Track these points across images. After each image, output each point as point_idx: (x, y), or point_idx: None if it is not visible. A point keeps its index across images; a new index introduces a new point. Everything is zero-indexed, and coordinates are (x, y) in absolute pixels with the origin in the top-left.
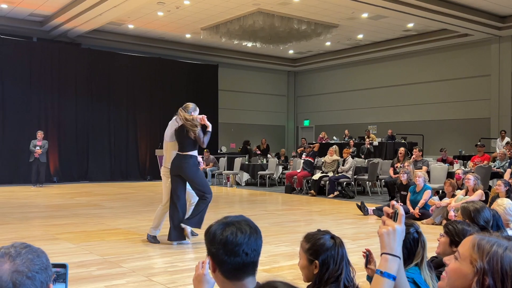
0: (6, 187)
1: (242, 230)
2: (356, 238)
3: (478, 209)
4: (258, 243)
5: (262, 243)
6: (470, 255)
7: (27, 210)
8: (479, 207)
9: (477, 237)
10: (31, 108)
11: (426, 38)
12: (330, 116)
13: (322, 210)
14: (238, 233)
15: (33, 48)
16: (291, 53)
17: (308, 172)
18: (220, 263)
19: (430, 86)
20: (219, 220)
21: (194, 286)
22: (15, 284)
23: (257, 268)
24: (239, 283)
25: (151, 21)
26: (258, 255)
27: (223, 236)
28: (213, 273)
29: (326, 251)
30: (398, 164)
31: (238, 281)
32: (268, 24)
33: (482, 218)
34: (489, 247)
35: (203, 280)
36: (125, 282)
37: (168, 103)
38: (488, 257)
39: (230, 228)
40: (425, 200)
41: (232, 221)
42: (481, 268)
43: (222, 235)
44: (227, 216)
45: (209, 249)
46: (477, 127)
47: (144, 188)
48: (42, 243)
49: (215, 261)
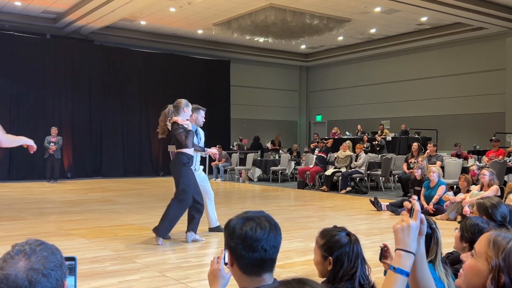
0: (21, 183)
1: (262, 226)
2: (370, 234)
3: (495, 205)
4: (277, 240)
5: (281, 240)
6: (486, 252)
7: (42, 206)
8: (495, 202)
9: (493, 234)
10: (45, 104)
11: (440, 32)
12: (343, 111)
13: (335, 206)
14: (258, 229)
15: (46, 45)
16: (303, 48)
17: (321, 167)
18: (238, 258)
19: (444, 81)
20: (239, 214)
21: (209, 281)
22: (31, 282)
23: (275, 265)
24: (257, 279)
25: (163, 17)
26: (277, 252)
27: (242, 231)
28: (231, 267)
29: (341, 248)
30: (412, 160)
31: (255, 277)
32: (280, 19)
33: (499, 214)
34: (505, 243)
35: (218, 275)
36: (139, 277)
37: (180, 98)
38: (504, 253)
39: (250, 223)
40: (439, 196)
41: (252, 216)
42: (496, 265)
43: (242, 230)
44: (247, 211)
45: (227, 242)
46: (492, 122)
47: (157, 184)
48: (56, 238)
49: (234, 255)
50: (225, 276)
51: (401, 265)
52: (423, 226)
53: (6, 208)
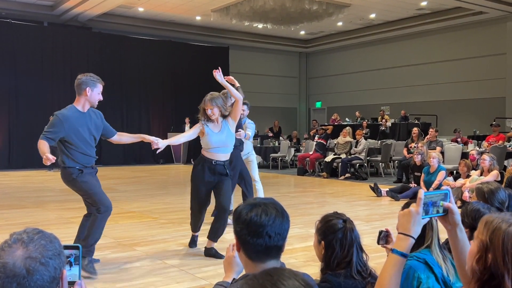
0: (21, 171)
1: (268, 212)
2: (370, 219)
3: (492, 190)
4: (283, 227)
5: (288, 228)
6: (479, 232)
7: (42, 194)
8: (493, 188)
9: (489, 215)
10: (43, 92)
11: (440, 17)
12: (342, 97)
13: (335, 192)
14: (263, 215)
15: (44, 32)
16: (302, 34)
17: (321, 154)
18: (243, 243)
19: (444, 66)
20: (248, 200)
21: (224, 267)
22: (29, 270)
23: (282, 252)
24: (261, 265)
25: (161, 4)
26: (283, 239)
27: (247, 216)
28: (238, 252)
29: (333, 233)
30: (412, 145)
31: (260, 263)
32: (279, 4)
33: (496, 200)
34: (495, 223)
35: (233, 262)
36: (139, 265)
37: (179, 85)
38: (491, 231)
39: (256, 209)
40: (439, 181)
41: (259, 202)
42: (483, 244)
43: (247, 215)
44: (256, 197)
45: (234, 228)
46: (492, 107)
47: (157, 172)
48: (56, 227)
49: (239, 240)
50: (240, 263)
51: (398, 246)
52: (454, 216)
53: (5, 197)
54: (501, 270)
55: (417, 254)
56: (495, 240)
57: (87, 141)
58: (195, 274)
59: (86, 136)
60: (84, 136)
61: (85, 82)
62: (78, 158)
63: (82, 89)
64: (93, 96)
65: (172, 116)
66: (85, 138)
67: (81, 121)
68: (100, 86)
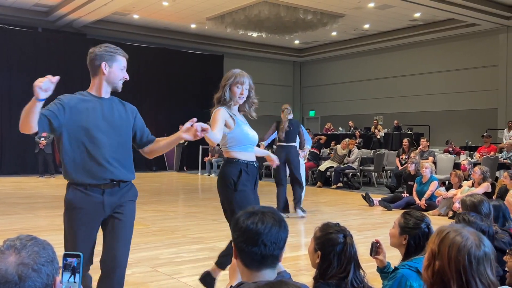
0: (13, 177)
1: (264, 221)
2: (362, 229)
3: (475, 204)
4: (280, 236)
5: (286, 237)
6: (430, 241)
7: (34, 200)
8: (476, 201)
9: (443, 225)
10: None
11: (433, 28)
12: (336, 106)
13: (328, 201)
14: (259, 223)
15: (38, 38)
16: (296, 43)
17: (314, 163)
18: (240, 251)
19: (437, 77)
20: (248, 208)
21: (229, 274)
22: (21, 277)
23: (278, 262)
24: (256, 274)
25: (156, 11)
26: (279, 248)
27: (244, 224)
28: (235, 260)
29: (332, 246)
30: (403, 155)
31: (255, 271)
32: (273, 14)
33: (481, 213)
34: (445, 232)
35: (237, 270)
36: (131, 272)
37: (173, 93)
38: (439, 240)
39: (253, 217)
40: (431, 191)
41: (257, 211)
42: (433, 253)
43: (244, 223)
44: (256, 206)
45: (232, 235)
46: (484, 118)
47: (150, 179)
48: (48, 233)
49: (236, 248)
50: None
51: None
52: None
53: None
54: (447, 277)
55: (409, 262)
56: (442, 248)
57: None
58: (187, 283)
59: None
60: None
61: (99, 56)
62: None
63: (96, 66)
64: (113, 73)
65: (166, 124)
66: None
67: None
68: (122, 59)
